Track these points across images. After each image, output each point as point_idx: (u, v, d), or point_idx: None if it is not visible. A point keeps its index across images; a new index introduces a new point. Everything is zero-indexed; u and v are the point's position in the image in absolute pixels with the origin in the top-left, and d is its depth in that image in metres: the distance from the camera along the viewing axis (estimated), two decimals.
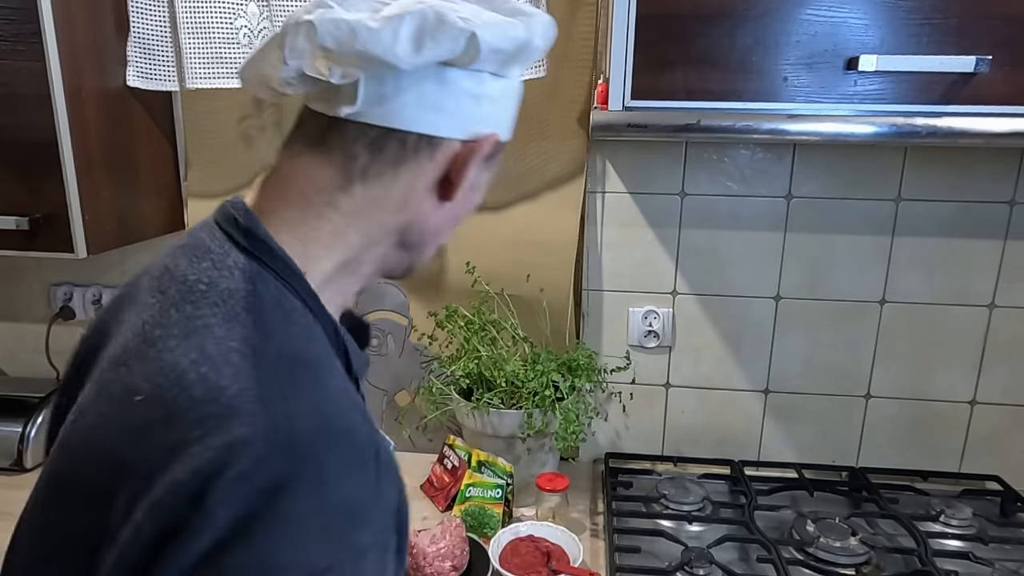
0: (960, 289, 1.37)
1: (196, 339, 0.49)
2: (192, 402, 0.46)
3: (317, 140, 0.59)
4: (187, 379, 0.47)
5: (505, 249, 1.42)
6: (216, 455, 0.43)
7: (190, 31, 1.30)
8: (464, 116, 0.59)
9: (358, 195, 0.58)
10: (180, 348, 0.49)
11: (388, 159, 0.58)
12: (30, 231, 1.19)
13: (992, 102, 1.00)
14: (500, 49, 0.56)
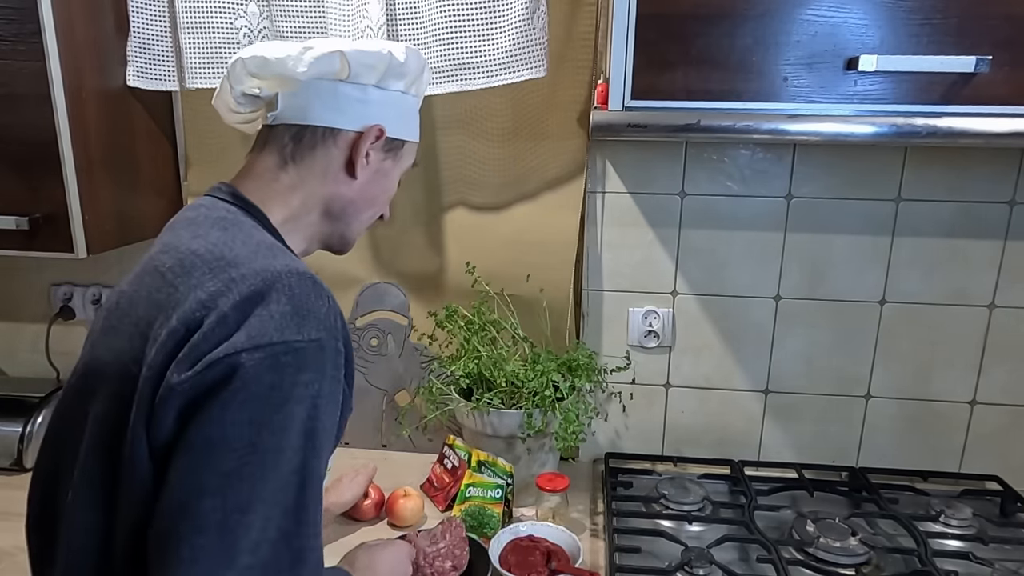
0: (960, 289, 1.37)
1: (203, 239, 0.73)
2: (204, 262, 0.70)
3: (262, 142, 0.86)
4: (200, 252, 0.71)
5: (505, 249, 1.42)
6: (224, 284, 0.67)
7: (190, 31, 1.30)
8: (354, 114, 0.85)
9: (292, 171, 0.84)
10: (195, 242, 0.73)
11: (306, 145, 0.84)
12: (30, 231, 1.19)
13: (992, 102, 0.99)
14: (368, 64, 0.83)
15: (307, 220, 0.85)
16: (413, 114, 0.92)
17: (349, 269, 1.47)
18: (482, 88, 1.24)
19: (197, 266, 0.69)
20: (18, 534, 1.17)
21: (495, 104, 1.35)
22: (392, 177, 0.91)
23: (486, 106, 1.36)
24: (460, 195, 1.42)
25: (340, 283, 1.47)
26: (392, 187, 0.91)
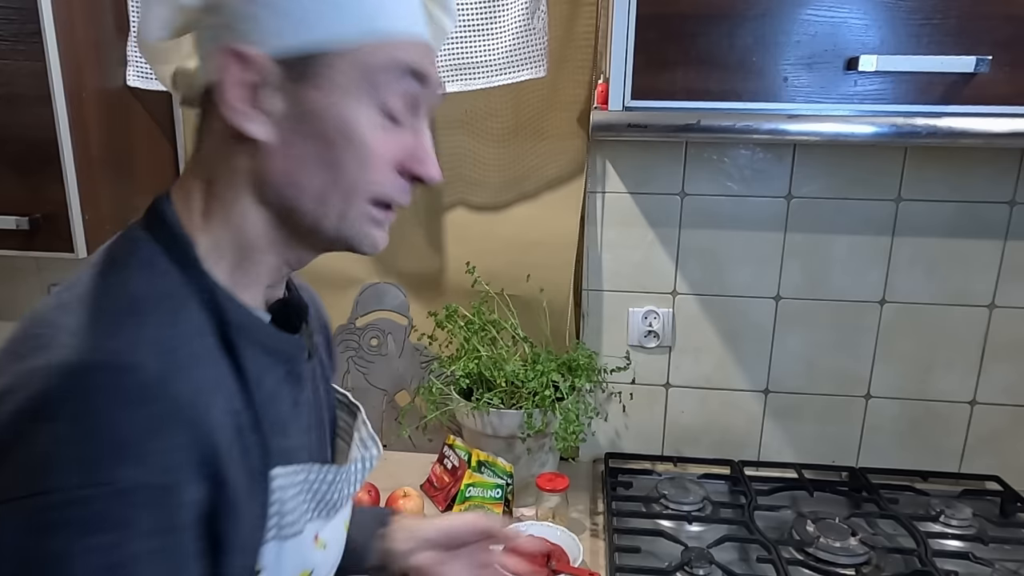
0: (960, 289, 1.37)
1: (56, 295, 0.55)
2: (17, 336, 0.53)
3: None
4: (29, 317, 0.55)
5: (505, 249, 1.42)
6: (13, 380, 0.47)
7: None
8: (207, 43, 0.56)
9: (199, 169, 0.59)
10: (47, 299, 0.56)
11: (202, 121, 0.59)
12: (30, 231, 1.19)
13: (992, 102, 0.99)
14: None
15: (243, 224, 0.58)
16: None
17: (349, 269, 1.47)
18: (482, 88, 1.24)
19: (10, 341, 0.52)
20: None
21: (495, 104, 1.35)
22: (336, 112, 0.55)
23: (486, 106, 1.36)
24: (460, 195, 1.42)
25: (340, 283, 1.47)
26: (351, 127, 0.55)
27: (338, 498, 0.66)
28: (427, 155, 0.59)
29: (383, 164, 0.57)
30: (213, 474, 0.49)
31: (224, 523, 0.51)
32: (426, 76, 0.57)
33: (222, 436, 0.50)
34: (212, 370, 0.53)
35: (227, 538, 0.51)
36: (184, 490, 0.47)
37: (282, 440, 0.59)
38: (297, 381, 0.64)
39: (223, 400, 0.52)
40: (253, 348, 0.58)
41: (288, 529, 0.58)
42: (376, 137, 0.56)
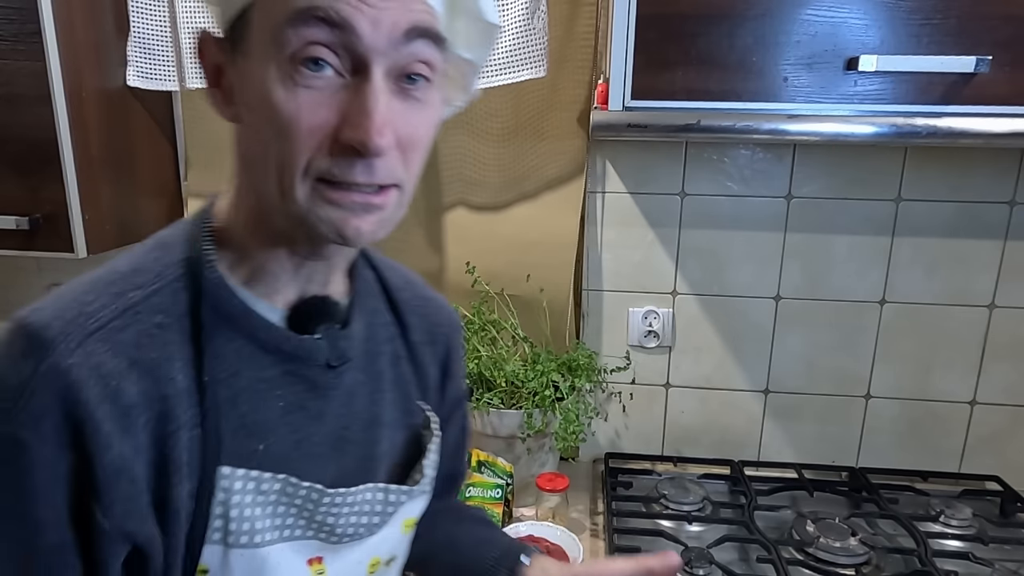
0: (960, 289, 1.37)
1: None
2: None
3: None
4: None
5: (505, 249, 1.42)
6: None
7: (190, 31, 1.30)
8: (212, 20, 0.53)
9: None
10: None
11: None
12: (30, 231, 1.20)
13: (992, 102, 0.99)
14: None
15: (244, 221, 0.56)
16: None
17: None
18: (482, 88, 1.24)
19: None
20: None
21: (495, 104, 1.35)
22: (255, 77, 0.49)
23: (486, 106, 1.36)
24: (460, 195, 1.42)
25: None
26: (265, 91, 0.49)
27: (344, 524, 0.59)
28: (363, 116, 0.47)
29: (306, 133, 0.48)
30: (80, 446, 0.47)
31: (98, 499, 0.48)
32: (325, 13, 0.46)
33: (109, 412, 0.47)
34: (149, 349, 0.50)
35: (101, 516, 0.48)
36: (33, 449, 0.46)
37: (246, 440, 0.54)
38: (308, 386, 0.58)
39: (145, 381, 0.49)
40: (235, 337, 0.54)
41: (238, 537, 0.53)
42: (293, 100, 0.48)
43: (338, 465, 0.61)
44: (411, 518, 0.67)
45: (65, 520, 0.48)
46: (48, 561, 0.48)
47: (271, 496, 0.55)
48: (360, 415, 0.63)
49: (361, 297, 0.64)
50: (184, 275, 0.54)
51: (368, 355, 0.64)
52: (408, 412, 0.68)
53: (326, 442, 0.60)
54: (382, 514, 0.62)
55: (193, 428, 0.52)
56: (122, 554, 0.50)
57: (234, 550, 0.53)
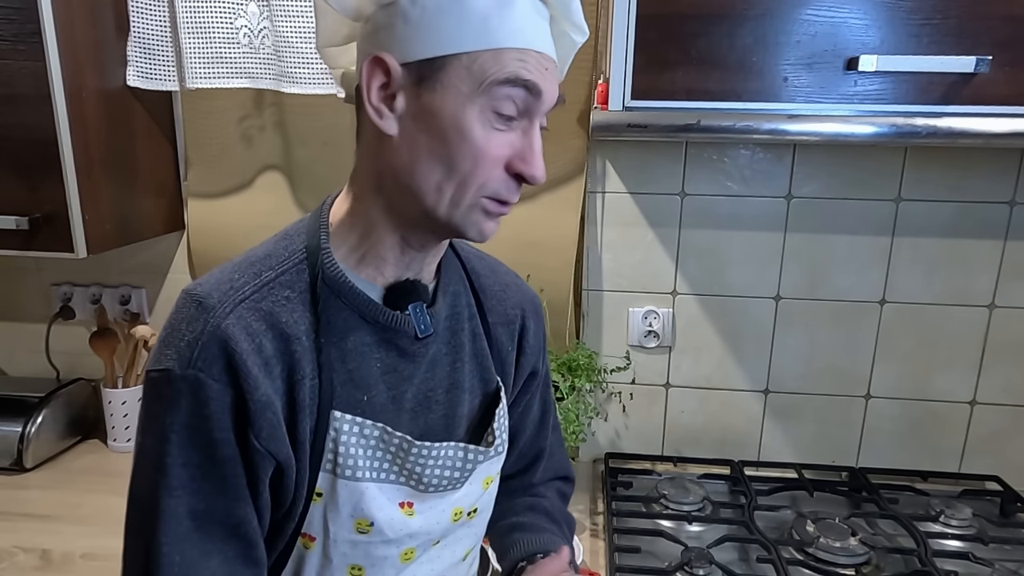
0: (960, 289, 1.37)
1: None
2: None
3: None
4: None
5: (505, 249, 1.41)
6: None
7: (190, 31, 1.30)
8: (364, 50, 0.65)
9: (357, 154, 0.69)
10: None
11: (358, 117, 0.68)
12: (30, 231, 1.19)
13: (992, 102, 1.00)
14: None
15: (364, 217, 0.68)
16: (452, 12, 0.61)
17: None
18: None
19: None
20: (18, 534, 1.18)
21: None
22: (450, 111, 0.61)
23: None
24: None
25: None
26: (464, 125, 0.61)
27: (429, 475, 0.71)
28: (533, 156, 0.64)
29: (491, 161, 0.63)
30: (238, 385, 0.61)
31: (252, 426, 0.62)
32: (532, 85, 0.62)
33: (256, 361, 0.62)
34: (281, 315, 0.64)
35: (255, 439, 0.62)
36: (209, 386, 0.60)
37: (354, 392, 0.68)
38: (399, 352, 0.70)
39: (279, 340, 0.64)
40: (343, 308, 0.67)
41: (344, 470, 0.67)
42: (485, 136, 0.62)
43: (426, 420, 0.73)
44: (490, 476, 0.79)
45: (233, 440, 0.62)
46: (223, 471, 0.62)
47: (371, 440, 0.68)
48: (443, 380, 0.75)
49: (445, 282, 0.76)
50: (306, 259, 0.67)
51: (450, 330, 0.76)
52: (485, 381, 0.79)
53: (415, 400, 0.72)
54: (462, 470, 0.74)
55: (313, 378, 0.65)
56: (269, 469, 0.64)
57: (340, 480, 0.67)
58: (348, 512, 0.68)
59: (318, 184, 1.43)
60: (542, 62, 0.63)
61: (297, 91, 1.32)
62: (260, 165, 1.46)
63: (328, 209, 0.71)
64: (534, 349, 0.85)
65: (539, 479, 0.93)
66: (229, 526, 0.63)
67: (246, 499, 0.64)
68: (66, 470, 1.42)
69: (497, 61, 0.61)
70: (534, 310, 0.86)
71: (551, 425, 0.93)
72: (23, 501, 1.29)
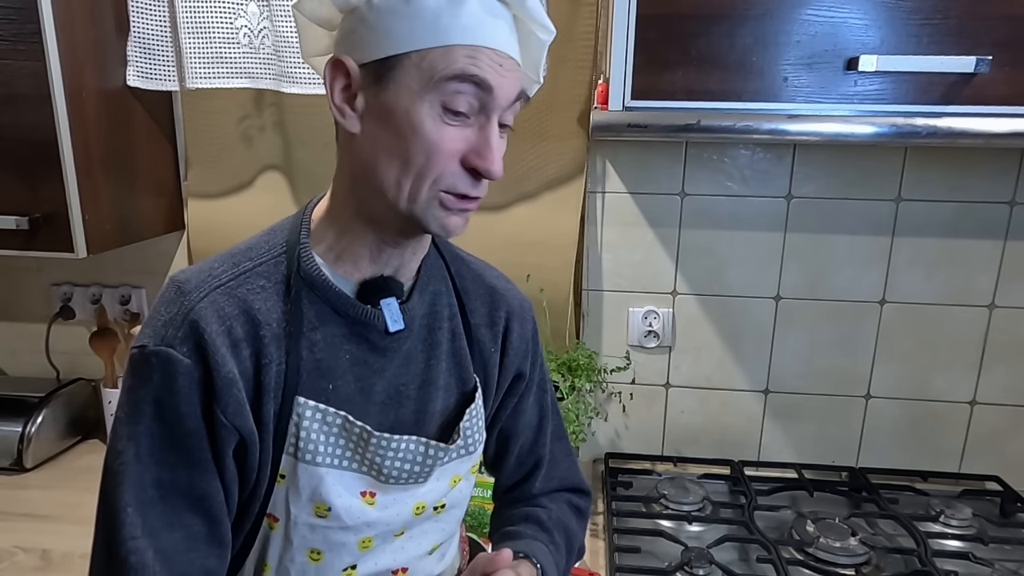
0: (960, 289, 1.37)
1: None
2: None
3: None
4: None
5: (505, 249, 1.42)
6: None
7: (190, 31, 1.30)
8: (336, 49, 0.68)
9: (336, 155, 0.72)
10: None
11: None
12: (30, 231, 1.19)
13: (992, 102, 1.00)
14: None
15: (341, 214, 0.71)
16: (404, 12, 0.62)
17: None
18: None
19: None
20: (18, 534, 1.18)
21: None
22: (404, 108, 0.63)
23: None
24: None
25: None
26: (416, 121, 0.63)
27: (389, 467, 0.72)
28: (489, 151, 0.65)
29: (444, 155, 0.64)
30: (206, 362, 0.64)
31: (218, 401, 0.64)
32: (481, 80, 0.63)
33: (224, 341, 0.65)
34: (254, 303, 0.67)
35: (220, 413, 0.64)
36: (179, 361, 0.63)
37: (320, 380, 0.70)
38: (370, 346, 0.72)
39: (249, 324, 0.67)
40: (316, 301, 0.70)
41: (305, 454, 0.69)
42: (437, 131, 0.63)
43: (396, 414, 0.75)
44: (458, 474, 0.79)
45: (199, 414, 0.64)
46: (188, 443, 0.65)
47: (334, 428, 0.70)
48: (416, 376, 0.76)
49: (424, 281, 0.78)
50: (285, 252, 0.71)
51: (427, 328, 0.77)
52: (462, 380, 0.80)
53: (385, 393, 0.74)
54: (423, 464, 0.74)
55: (280, 364, 0.68)
56: (232, 443, 0.66)
57: (300, 464, 0.69)
58: (307, 496, 0.70)
59: (318, 184, 1.43)
60: (496, 59, 0.63)
61: (297, 91, 1.32)
62: (260, 165, 1.46)
63: (312, 207, 0.74)
64: (519, 351, 0.85)
65: (539, 489, 0.91)
66: (193, 499, 0.66)
67: (211, 473, 0.66)
68: (66, 470, 1.42)
69: (446, 58, 0.62)
70: (521, 313, 0.86)
71: (551, 432, 0.92)
72: (23, 501, 1.29)
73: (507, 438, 0.89)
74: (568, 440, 0.96)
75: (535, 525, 0.87)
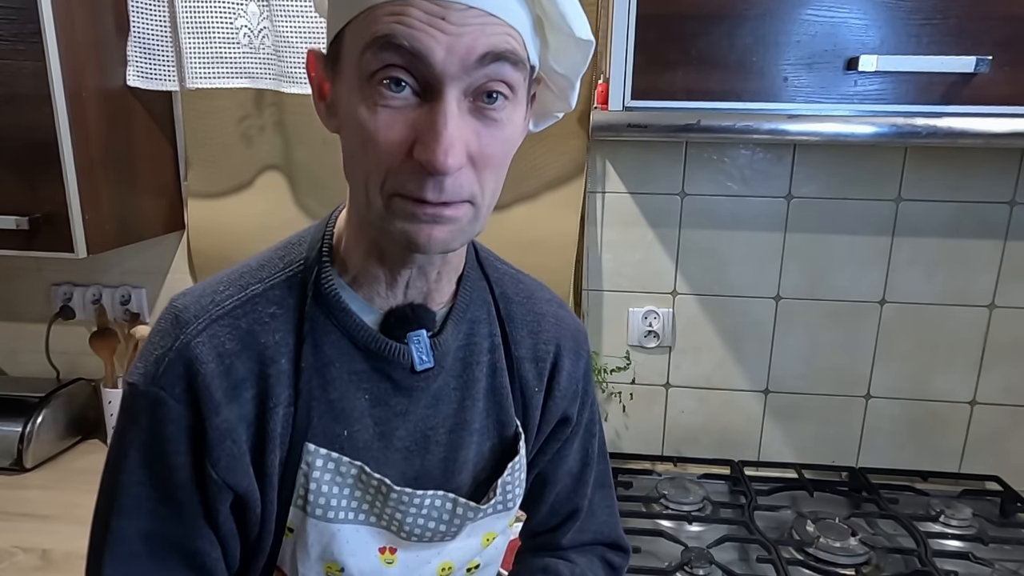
0: (960, 289, 1.37)
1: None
2: None
3: None
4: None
5: (505, 249, 1.40)
6: None
7: (190, 31, 1.30)
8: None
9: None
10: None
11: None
12: (30, 231, 1.19)
13: (992, 102, 1.00)
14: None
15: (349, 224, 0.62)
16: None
17: None
18: None
19: None
20: (18, 534, 1.18)
21: None
22: (344, 95, 0.53)
23: None
24: None
25: None
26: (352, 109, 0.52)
27: (411, 524, 0.63)
28: (431, 137, 0.49)
29: (382, 147, 0.51)
30: (197, 408, 0.56)
31: (209, 454, 0.57)
32: (399, 42, 0.48)
33: (221, 384, 0.57)
34: (260, 335, 0.59)
35: (211, 468, 0.57)
36: (168, 405, 0.56)
37: (332, 424, 0.61)
38: (393, 385, 0.62)
39: (253, 361, 0.58)
40: (333, 331, 0.60)
41: (315, 508, 0.60)
42: (372, 117, 0.50)
43: (422, 463, 0.65)
44: (493, 532, 0.69)
45: (189, 465, 0.57)
46: (179, 496, 0.58)
47: (348, 479, 0.61)
48: (447, 419, 0.66)
49: (461, 308, 0.66)
50: (301, 272, 0.61)
51: (463, 362, 0.66)
52: (501, 424, 0.69)
53: (409, 438, 0.64)
54: (449, 523, 0.64)
55: (288, 406, 0.59)
56: (227, 500, 0.58)
57: (310, 519, 0.60)
58: (317, 554, 0.61)
59: (318, 184, 1.43)
60: (434, 11, 0.48)
61: (297, 91, 1.32)
62: (260, 165, 1.46)
63: (336, 217, 0.64)
64: (566, 393, 0.73)
65: (570, 541, 0.80)
66: (185, 554, 0.59)
67: (204, 529, 0.59)
68: (66, 470, 1.42)
69: (367, 23, 0.49)
70: (574, 347, 0.74)
71: (592, 482, 0.81)
72: (23, 501, 1.29)
73: (543, 484, 0.77)
74: (612, 489, 0.85)
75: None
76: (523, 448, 0.69)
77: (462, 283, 0.66)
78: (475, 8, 0.48)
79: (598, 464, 0.82)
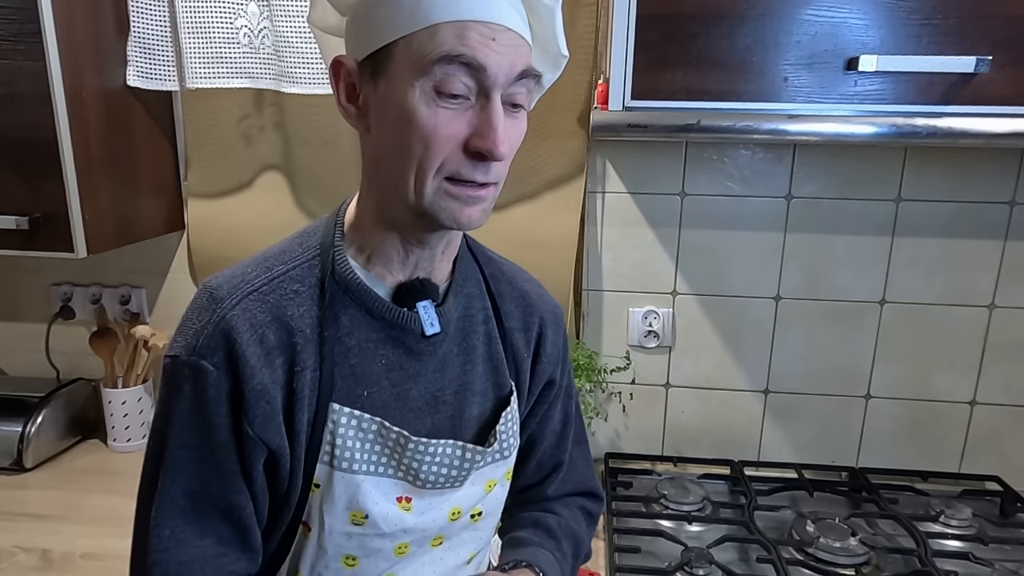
0: (960, 289, 1.37)
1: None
2: None
3: None
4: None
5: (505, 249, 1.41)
6: None
7: (190, 31, 1.30)
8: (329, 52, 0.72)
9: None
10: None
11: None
12: (30, 231, 1.19)
13: (992, 102, 1.00)
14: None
15: (365, 216, 0.71)
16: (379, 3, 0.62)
17: None
18: None
19: None
20: (18, 534, 1.18)
21: None
22: (397, 98, 0.62)
23: None
24: None
25: None
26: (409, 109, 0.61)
27: (427, 472, 0.72)
28: (491, 131, 0.61)
29: (442, 141, 0.62)
30: (235, 373, 0.64)
31: (246, 413, 0.64)
32: (470, 60, 0.59)
33: (256, 351, 0.64)
34: (287, 308, 0.67)
35: (248, 425, 0.64)
36: (209, 372, 0.63)
37: (354, 386, 0.69)
38: (406, 350, 0.71)
39: (282, 331, 0.66)
40: (351, 304, 0.69)
41: (341, 462, 0.68)
42: (432, 116, 0.61)
43: (432, 420, 0.74)
44: (493, 479, 0.79)
45: (229, 425, 0.65)
46: (218, 455, 0.65)
47: (369, 435, 0.69)
48: (452, 381, 0.75)
49: (459, 283, 0.77)
50: (319, 255, 0.70)
51: (462, 332, 0.76)
52: (498, 385, 0.79)
53: (421, 398, 0.73)
54: (459, 468, 0.74)
55: (315, 370, 0.67)
56: (261, 457, 0.66)
57: (336, 472, 0.68)
58: (344, 504, 0.69)
59: (318, 184, 1.43)
60: (487, 33, 0.60)
61: (297, 91, 1.32)
62: (260, 165, 1.46)
63: (345, 208, 0.73)
64: (552, 358, 0.84)
65: (554, 492, 0.91)
66: (223, 510, 0.66)
67: (240, 485, 0.66)
68: (66, 470, 1.42)
69: (432, 40, 0.60)
70: (554, 320, 0.85)
71: (572, 438, 0.92)
72: (23, 501, 1.29)
73: (532, 443, 0.88)
74: (588, 445, 0.96)
75: (543, 532, 0.86)
76: (515, 402, 0.80)
77: (457, 263, 0.77)
78: (512, 31, 0.62)
79: (576, 423, 0.93)
